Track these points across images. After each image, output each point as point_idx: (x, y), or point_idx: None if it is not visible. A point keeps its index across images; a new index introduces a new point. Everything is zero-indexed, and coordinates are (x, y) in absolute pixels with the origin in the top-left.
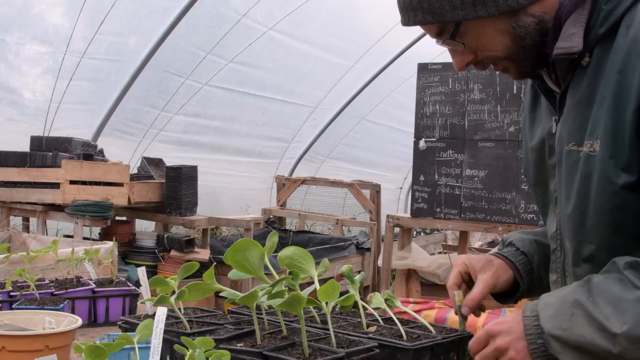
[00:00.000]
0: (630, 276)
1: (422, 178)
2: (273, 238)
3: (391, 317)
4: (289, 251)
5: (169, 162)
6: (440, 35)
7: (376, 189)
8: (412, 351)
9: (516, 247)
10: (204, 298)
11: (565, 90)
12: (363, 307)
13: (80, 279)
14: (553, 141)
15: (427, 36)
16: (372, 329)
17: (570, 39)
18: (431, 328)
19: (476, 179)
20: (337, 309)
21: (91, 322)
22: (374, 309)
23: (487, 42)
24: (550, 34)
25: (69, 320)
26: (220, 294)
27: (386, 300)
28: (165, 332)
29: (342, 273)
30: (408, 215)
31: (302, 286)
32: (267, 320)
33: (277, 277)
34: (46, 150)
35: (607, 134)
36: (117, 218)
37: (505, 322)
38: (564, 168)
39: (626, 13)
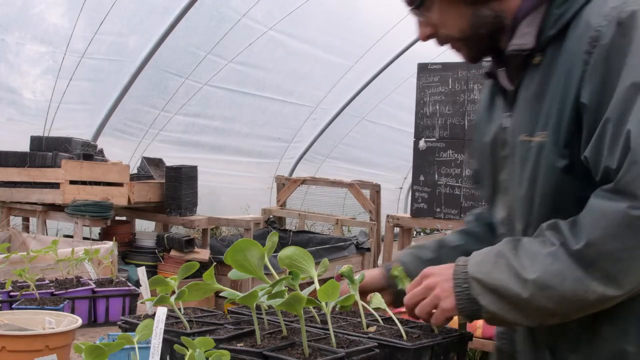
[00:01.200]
0: (549, 235)
1: (422, 178)
2: (273, 238)
3: (391, 317)
4: (288, 251)
5: (169, 162)
6: (410, 3)
7: (376, 189)
8: (412, 351)
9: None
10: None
11: (518, 87)
12: (363, 307)
13: (80, 279)
14: (505, 135)
15: None
16: (372, 329)
17: (524, 37)
18: (434, 327)
19: None
20: (337, 309)
21: (91, 322)
22: (374, 309)
23: (448, 21)
24: (507, 33)
25: (69, 320)
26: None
27: None
28: (165, 332)
29: (342, 273)
30: (408, 215)
31: (302, 286)
32: (267, 320)
33: (277, 277)
34: (46, 150)
35: (554, 125)
36: (117, 218)
37: (439, 267)
38: (516, 157)
39: (574, 17)
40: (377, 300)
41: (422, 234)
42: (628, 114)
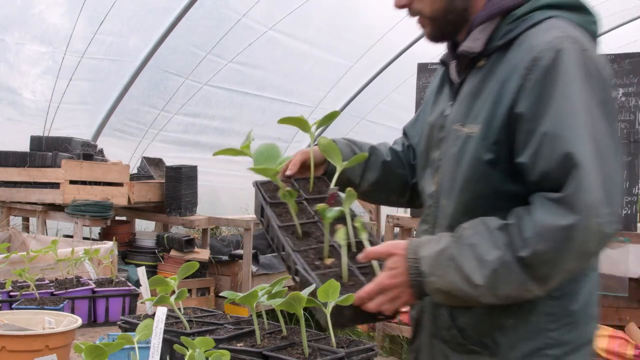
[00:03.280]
0: (497, 234)
1: None
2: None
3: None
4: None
5: (169, 162)
6: None
7: None
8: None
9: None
10: (204, 298)
11: (462, 82)
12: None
13: (80, 279)
14: (444, 120)
15: None
16: (329, 261)
17: (474, 42)
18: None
19: None
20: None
21: (91, 322)
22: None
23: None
24: (464, 33)
25: (69, 320)
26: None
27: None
28: (165, 332)
29: (318, 210)
30: (408, 215)
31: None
32: (267, 320)
33: None
34: (46, 150)
35: (484, 122)
36: (117, 218)
37: (393, 260)
38: (449, 142)
39: (521, 34)
40: (342, 234)
41: None
42: (563, 131)
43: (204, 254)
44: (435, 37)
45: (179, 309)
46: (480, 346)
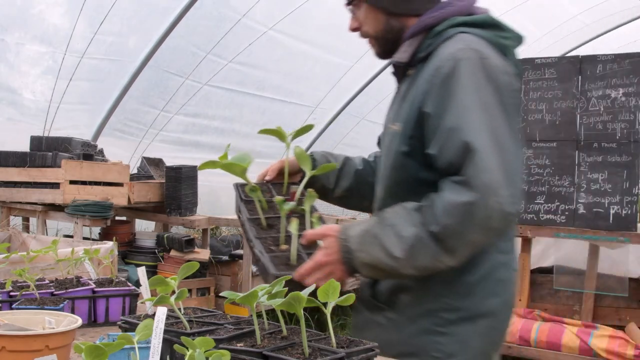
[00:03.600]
0: (414, 214)
1: None
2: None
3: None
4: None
5: (169, 162)
6: (345, 1)
7: None
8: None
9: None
10: (204, 298)
11: (399, 88)
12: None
13: (80, 279)
14: (386, 121)
15: None
16: (285, 246)
17: (403, 54)
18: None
19: None
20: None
21: (91, 322)
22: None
23: (368, 22)
24: (399, 46)
25: (69, 320)
26: (220, 294)
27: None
28: (165, 332)
29: (276, 201)
30: None
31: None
32: (267, 320)
33: None
34: (46, 150)
35: (404, 121)
36: (117, 218)
37: (328, 240)
38: (385, 139)
39: (437, 48)
40: (295, 225)
41: None
42: (461, 124)
43: (204, 254)
44: (380, 54)
45: (179, 309)
46: (387, 304)
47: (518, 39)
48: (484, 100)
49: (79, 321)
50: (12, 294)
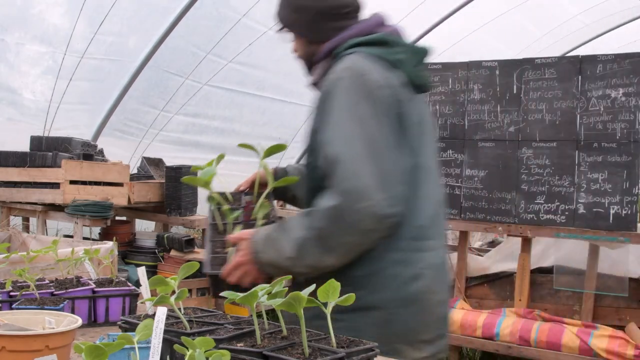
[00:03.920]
0: (305, 220)
1: None
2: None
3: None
4: None
5: (169, 162)
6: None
7: None
8: None
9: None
10: (204, 298)
11: None
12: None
13: (80, 279)
14: None
15: (428, 36)
16: (229, 249)
17: (315, 76)
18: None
19: (476, 179)
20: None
21: (91, 322)
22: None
23: (297, 46)
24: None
25: (69, 320)
26: (220, 294)
27: None
28: (165, 332)
29: (223, 210)
30: None
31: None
32: (267, 320)
33: None
34: (46, 150)
35: (306, 136)
36: (117, 218)
37: (245, 243)
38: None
39: (332, 68)
40: (238, 230)
41: None
42: (332, 139)
43: (204, 254)
44: (308, 74)
45: (179, 309)
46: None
47: (414, 52)
48: (359, 114)
49: (79, 321)
50: (12, 294)
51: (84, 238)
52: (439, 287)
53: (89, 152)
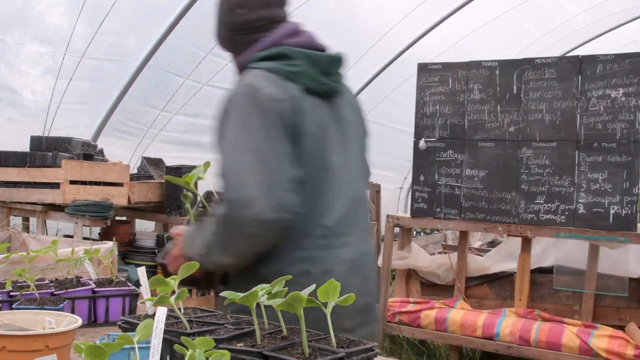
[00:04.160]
0: (213, 222)
1: (422, 178)
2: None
3: None
4: None
5: (169, 162)
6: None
7: (376, 189)
8: None
9: None
10: (204, 298)
11: None
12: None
13: (80, 279)
14: None
15: (428, 36)
16: None
17: None
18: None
19: (476, 179)
20: None
21: (91, 322)
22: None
23: (233, 59)
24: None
25: (69, 320)
26: (220, 294)
27: None
28: (165, 332)
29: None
30: (408, 215)
31: None
32: (267, 320)
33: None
34: (46, 150)
35: (213, 143)
36: (117, 218)
37: (180, 234)
38: None
39: None
40: (192, 214)
41: (422, 234)
42: (222, 154)
43: None
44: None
45: (179, 309)
46: (224, 281)
47: (314, 61)
48: (249, 128)
49: (79, 321)
50: (12, 294)
51: (84, 238)
52: (354, 281)
53: (89, 152)
